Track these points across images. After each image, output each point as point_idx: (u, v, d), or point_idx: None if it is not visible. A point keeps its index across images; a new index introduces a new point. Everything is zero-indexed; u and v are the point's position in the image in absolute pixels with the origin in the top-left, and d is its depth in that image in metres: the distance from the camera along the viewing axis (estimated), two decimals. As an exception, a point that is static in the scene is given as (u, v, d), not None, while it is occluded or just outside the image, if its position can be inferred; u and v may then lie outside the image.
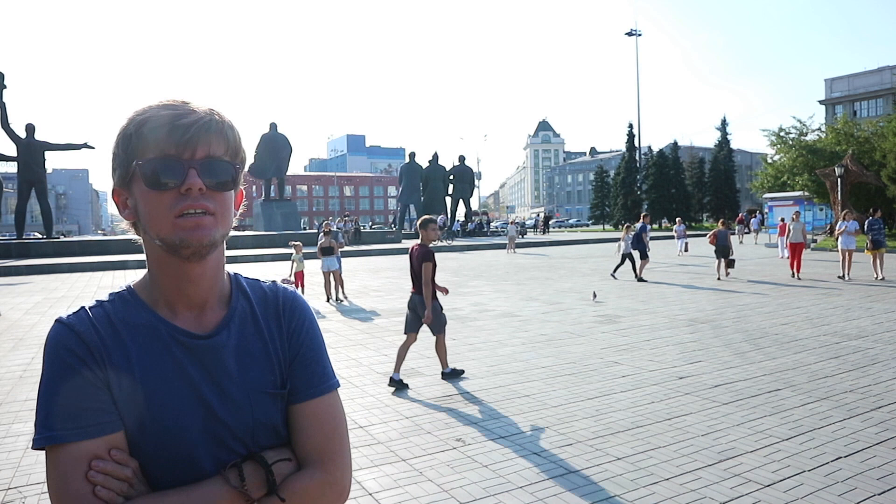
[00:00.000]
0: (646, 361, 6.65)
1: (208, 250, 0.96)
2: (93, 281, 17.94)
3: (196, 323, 1.01)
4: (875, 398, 5.18)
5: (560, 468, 3.85)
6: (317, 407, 1.04)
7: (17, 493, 3.63)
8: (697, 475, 3.69)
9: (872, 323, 8.68)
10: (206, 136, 0.94)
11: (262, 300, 1.08)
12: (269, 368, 1.03)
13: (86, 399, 0.91)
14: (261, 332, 1.05)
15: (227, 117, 0.98)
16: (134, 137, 0.94)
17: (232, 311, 1.04)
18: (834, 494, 3.40)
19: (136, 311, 0.99)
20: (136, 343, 0.96)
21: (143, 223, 0.97)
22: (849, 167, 27.20)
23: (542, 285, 14.41)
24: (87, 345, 0.93)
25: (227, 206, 0.98)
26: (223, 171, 0.96)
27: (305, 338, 1.08)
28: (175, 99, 0.97)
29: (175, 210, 0.92)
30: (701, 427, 4.55)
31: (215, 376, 0.99)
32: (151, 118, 0.93)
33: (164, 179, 0.92)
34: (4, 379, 6.46)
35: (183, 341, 0.98)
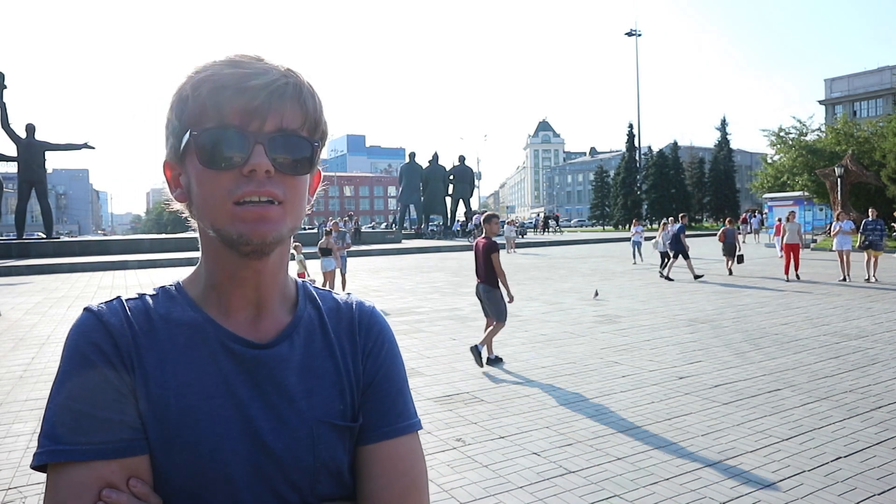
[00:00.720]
0: (646, 361, 6.65)
1: (272, 247, 0.78)
2: (93, 281, 17.94)
3: (252, 328, 0.81)
4: (875, 398, 5.18)
5: (560, 468, 3.85)
6: (393, 451, 0.83)
7: (17, 493, 3.63)
8: (697, 475, 3.69)
9: (872, 323, 8.68)
10: (279, 103, 0.75)
11: (335, 311, 0.89)
12: (338, 394, 0.83)
13: (105, 408, 0.72)
14: (331, 349, 0.85)
15: (308, 80, 0.80)
16: (191, 100, 0.75)
17: (298, 318, 0.85)
18: (834, 494, 3.40)
19: (182, 308, 0.81)
20: (176, 345, 0.78)
21: (196, 207, 0.79)
22: (849, 167, 27.19)
23: (542, 285, 14.41)
24: (115, 340, 0.75)
25: (300, 194, 0.79)
26: (298, 149, 0.77)
27: (385, 362, 0.88)
28: (246, 54, 0.77)
29: (235, 195, 0.74)
30: (701, 427, 4.55)
31: (270, 398, 0.78)
32: (213, 77, 0.74)
33: (223, 156, 0.74)
34: (4, 379, 6.46)
35: (234, 349, 0.79)
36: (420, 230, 44.27)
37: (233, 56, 0.77)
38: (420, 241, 38.06)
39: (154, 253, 27.99)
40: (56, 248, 27.67)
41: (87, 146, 30.81)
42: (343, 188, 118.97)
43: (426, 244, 33.61)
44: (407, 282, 15.84)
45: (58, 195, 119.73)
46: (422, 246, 31.95)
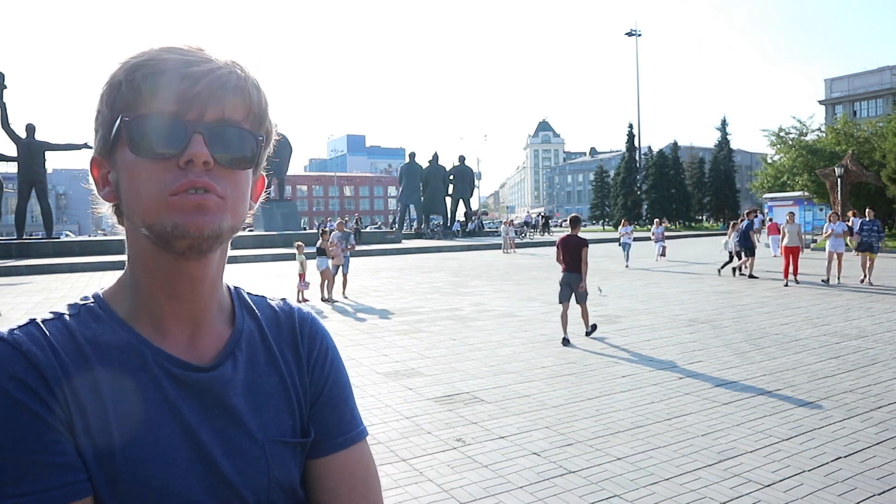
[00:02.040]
0: (646, 361, 6.65)
1: (210, 244, 0.70)
2: (93, 281, 17.95)
3: (191, 348, 0.75)
4: (875, 398, 5.18)
5: (560, 468, 3.85)
6: (346, 461, 0.82)
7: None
8: (697, 475, 3.70)
9: (872, 323, 8.68)
10: (220, 92, 0.69)
11: (274, 321, 0.84)
12: (287, 411, 0.79)
13: (40, 451, 0.63)
14: (275, 363, 0.81)
15: (253, 74, 0.74)
16: (124, 85, 0.68)
17: (238, 333, 0.79)
18: (834, 494, 3.40)
19: (111, 329, 0.72)
20: (111, 372, 0.69)
21: (125, 205, 0.71)
22: (849, 167, 27.20)
23: (541, 285, 14.41)
24: (40, 372, 0.65)
25: (242, 191, 0.73)
26: (241, 143, 0.71)
27: (331, 371, 0.85)
28: (188, 43, 0.71)
29: (171, 188, 0.67)
30: (701, 427, 4.55)
31: (218, 421, 0.74)
32: (150, 62, 0.68)
33: (157, 144, 0.67)
34: (4, 379, 6.46)
35: (175, 374, 0.72)
36: (420, 230, 44.29)
37: (173, 44, 0.70)
38: (420, 241, 38.07)
39: (154, 253, 27.94)
40: (56, 248, 27.68)
41: (87, 146, 30.56)
42: (343, 188, 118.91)
43: (426, 244, 33.62)
44: (407, 282, 15.84)
45: (58, 195, 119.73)
46: (422, 246, 31.96)
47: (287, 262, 23.47)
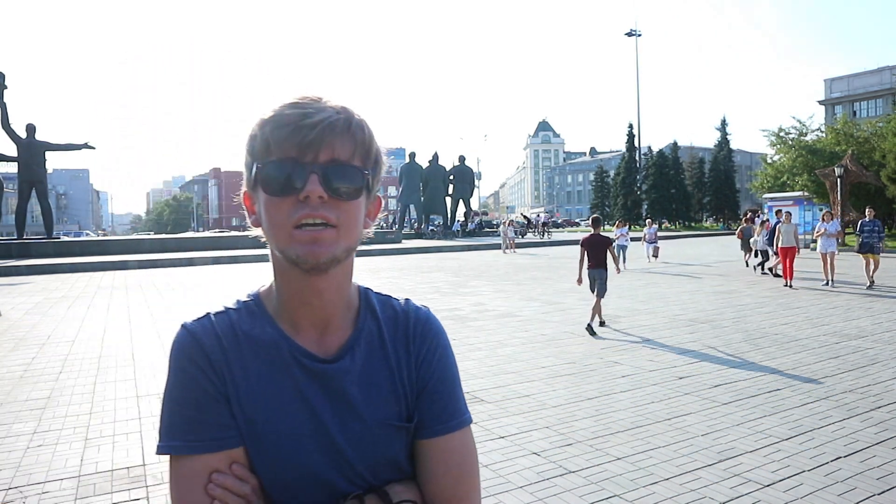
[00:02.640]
0: (646, 361, 6.65)
1: (328, 266, 0.87)
2: (93, 281, 17.94)
3: (319, 343, 0.93)
4: (875, 398, 5.18)
5: (560, 468, 3.85)
6: (447, 444, 0.95)
7: (18, 492, 3.64)
8: (697, 475, 3.70)
9: (872, 323, 8.68)
10: (330, 137, 0.85)
11: (392, 321, 0.99)
12: (394, 400, 0.95)
13: (206, 412, 0.88)
14: (387, 359, 0.96)
15: (359, 114, 0.89)
16: (258, 138, 0.87)
17: (358, 332, 0.96)
18: (834, 494, 3.40)
19: (261, 325, 0.93)
20: (258, 359, 0.91)
21: (265, 231, 0.89)
22: (848, 167, 27.20)
23: (541, 285, 14.41)
24: (208, 356, 0.89)
25: (354, 217, 0.88)
26: (350, 177, 0.86)
27: (437, 367, 0.98)
28: (306, 95, 0.88)
29: (293, 220, 0.84)
30: (701, 427, 4.55)
31: (336, 404, 0.92)
32: (275, 118, 0.86)
33: (282, 184, 0.84)
34: (5, 379, 6.46)
35: (305, 364, 0.91)
36: (420, 230, 44.27)
37: (295, 98, 0.87)
38: (420, 241, 38.06)
39: (154, 253, 27.98)
40: (56, 248, 27.67)
41: (87, 146, 30.80)
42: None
43: (426, 244, 33.61)
44: (407, 282, 15.84)
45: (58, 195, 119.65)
46: (422, 246, 31.95)
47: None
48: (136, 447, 4.36)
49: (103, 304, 12.63)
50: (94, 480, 3.79)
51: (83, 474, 3.89)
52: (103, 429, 4.78)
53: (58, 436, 4.63)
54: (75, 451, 4.29)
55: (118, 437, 4.59)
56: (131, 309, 11.73)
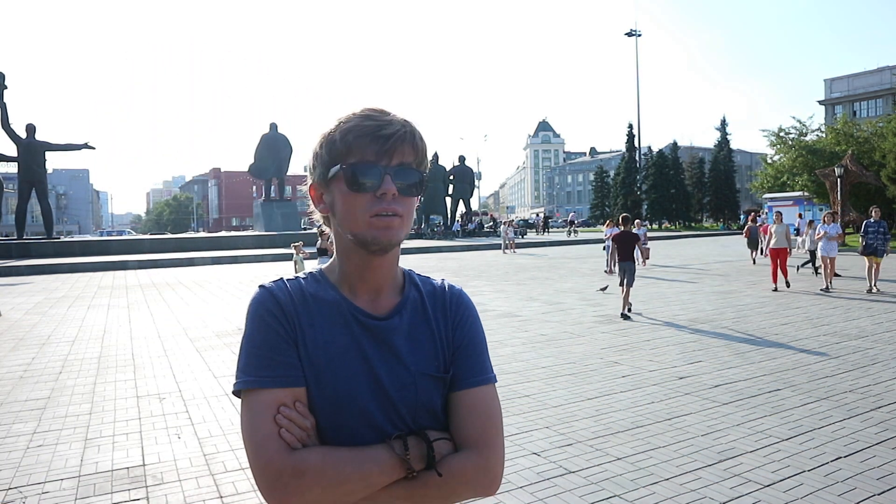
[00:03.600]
0: (646, 361, 6.65)
1: (392, 247, 1.08)
2: (93, 281, 17.94)
3: (373, 305, 1.12)
4: (875, 398, 5.18)
5: (560, 468, 3.85)
6: (475, 396, 1.12)
7: (18, 492, 3.64)
8: (697, 475, 3.69)
9: (872, 323, 8.68)
10: (401, 145, 1.05)
11: (432, 294, 1.19)
12: (433, 354, 1.13)
13: (279, 353, 1.04)
14: (428, 321, 1.15)
15: (418, 128, 1.10)
16: (339, 142, 1.05)
17: (405, 298, 1.15)
18: (834, 494, 3.40)
19: (325, 289, 1.12)
20: (322, 315, 1.09)
21: (338, 219, 1.09)
22: (848, 167, 27.20)
23: (542, 285, 14.42)
24: (282, 308, 1.07)
25: (412, 210, 1.09)
26: (413, 178, 1.07)
27: (468, 331, 1.17)
28: (375, 108, 1.08)
29: (371, 211, 1.04)
30: (701, 427, 4.55)
31: (386, 355, 1.09)
32: (356, 127, 1.05)
33: (363, 182, 1.04)
34: (5, 379, 6.46)
35: (361, 320, 1.10)
36: (420, 230, 44.28)
37: (367, 110, 1.07)
38: (420, 241, 38.05)
39: (154, 253, 27.98)
40: (56, 248, 27.66)
41: (87, 146, 30.81)
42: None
43: (426, 244, 33.61)
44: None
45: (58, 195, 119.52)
46: (422, 246, 31.95)
47: (286, 261, 23.44)
48: (136, 447, 4.36)
49: (103, 303, 12.63)
50: (94, 480, 3.79)
51: (83, 474, 3.89)
52: (103, 429, 4.78)
53: (58, 436, 4.63)
54: (75, 451, 4.29)
55: (118, 437, 4.59)
56: (131, 309, 11.73)
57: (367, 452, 1.02)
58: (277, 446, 0.99)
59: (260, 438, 1.00)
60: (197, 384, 6.07)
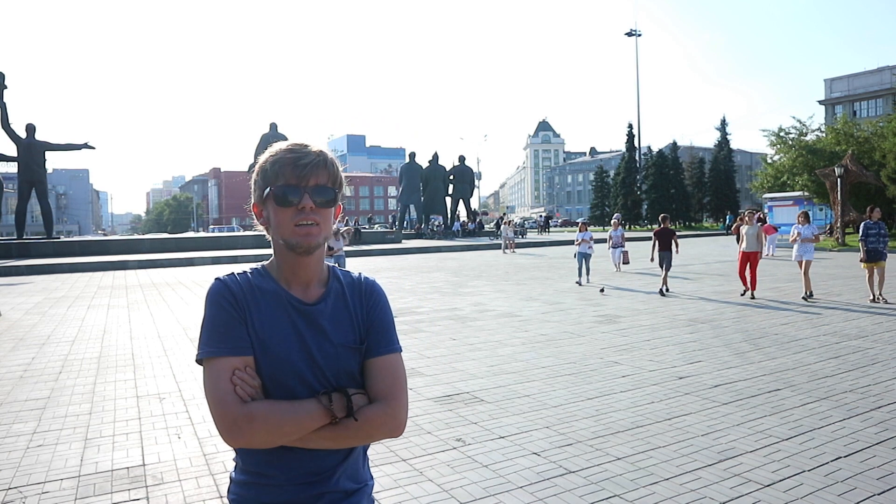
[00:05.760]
0: (646, 361, 6.64)
1: (314, 249, 1.37)
2: (93, 281, 17.93)
3: (304, 294, 1.41)
4: (875, 398, 5.18)
5: (560, 468, 3.85)
6: (384, 362, 1.42)
7: (18, 493, 3.63)
8: (697, 475, 3.69)
9: (872, 323, 8.68)
10: (315, 171, 1.35)
11: (351, 284, 1.48)
12: (351, 330, 1.43)
13: (232, 329, 1.33)
14: (347, 305, 1.45)
15: (331, 156, 1.41)
16: (269, 170, 1.36)
17: (329, 289, 1.45)
18: (834, 494, 3.40)
19: (267, 282, 1.41)
20: (266, 301, 1.38)
21: (272, 229, 1.39)
22: (848, 167, 27.19)
23: (542, 285, 14.42)
24: (234, 295, 1.36)
25: (329, 218, 1.39)
26: (327, 195, 1.36)
27: (379, 312, 1.47)
28: (296, 143, 1.39)
29: (294, 221, 1.34)
30: (701, 427, 4.55)
31: (315, 332, 1.39)
32: (281, 158, 1.35)
33: (287, 199, 1.34)
34: (4, 379, 6.46)
35: (296, 305, 1.39)
36: (420, 230, 44.25)
37: (290, 145, 1.38)
38: (420, 241, 38.03)
39: (154, 253, 27.96)
40: (56, 248, 27.65)
41: (87, 146, 30.80)
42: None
43: (426, 244, 33.60)
44: (407, 282, 15.84)
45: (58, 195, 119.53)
46: (422, 246, 31.94)
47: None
48: (136, 447, 4.36)
49: (103, 303, 12.62)
50: (94, 480, 3.79)
51: (83, 474, 3.89)
52: (103, 429, 4.78)
53: (58, 436, 4.63)
54: (75, 451, 4.29)
55: (118, 437, 4.59)
56: (131, 309, 11.72)
57: (301, 404, 1.31)
58: (233, 399, 1.28)
59: (220, 394, 1.28)
60: (197, 384, 6.06)
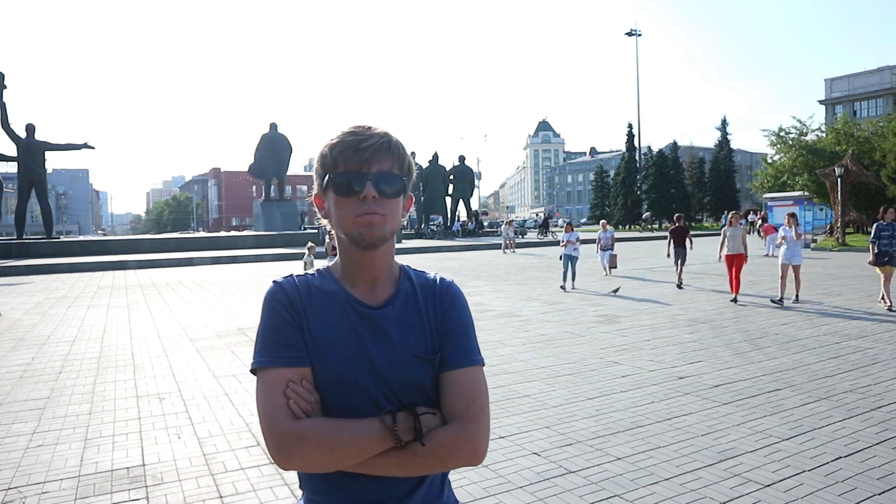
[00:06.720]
0: (646, 361, 6.64)
1: (379, 242, 1.23)
2: (93, 281, 17.93)
3: (369, 296, 1.27)
4: (875, 398, 5.18)
5: (560, 468, 3.84)
6: (462, 376, 1.25)
7: (17, 493, 3.63)
8: (697, 475, 3.69)
9: (872, 323, 8.68)
10: (378, 155, 1.21)
11: (424, 285, 1.33)
12: (422, 338, 1.26)
13: (287, 338, 1.20)
14: (419, 309, 1.29)
15: (397, 138, 1.25)
16: (328, 157, 1.23)
17: (398, 290, 1.30)
18: (834, 494, 3.40)
19: (328, 283, 1.28)
20: (324, 305, 1.25)
21: (333, 221, 1.26)
22: (849, 167, 27.18)
23: (542, 285, 14.42)
24: (290, 299, 1.23)
25: (396, 210, 1.24)
26: (392, 182, 1.22)
27: (456, 318, 1.30)
28: (359, 125, 1.24)
29: (356, 212, 1.20)
30: (701, 427, 4.55)
31: (379, 339, 1.23)
32: (340, 142, 1.22)
33: (348, 188, 1.20)
34: (4, 379, 6.46)
35: (357, 309, 1.25)
36: (420, 230, 44.24)
37: (351, 128, 1.24)
38: (420, 241, 38.04)
39: (154, 253, 27.97)
40: (56, 248, 27.65)
41: (87, 146, 30.81)
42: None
43: (426, 244, 33.60)
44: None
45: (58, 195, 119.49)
46: (422, 246, 31.94)
47: (286, 262, 23.44)
48: (136, 447, 4.36)
49: (103, 303, 12.62)
50: (94, 480, 3.79)
51: (83, 474, 3.89)
52: (103, 429, 4.78)
53: (58, 436, 4.63)
54: (75, 451, 4.29)
55: (118, 437, 4.59)
56: (131, 309, 11.72)
57: (360, 424, 1.16)
58: (284, 415, 1.15)
59: (270, 408, 1.16)
60: (197, 384, 6.06)
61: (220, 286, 15.60)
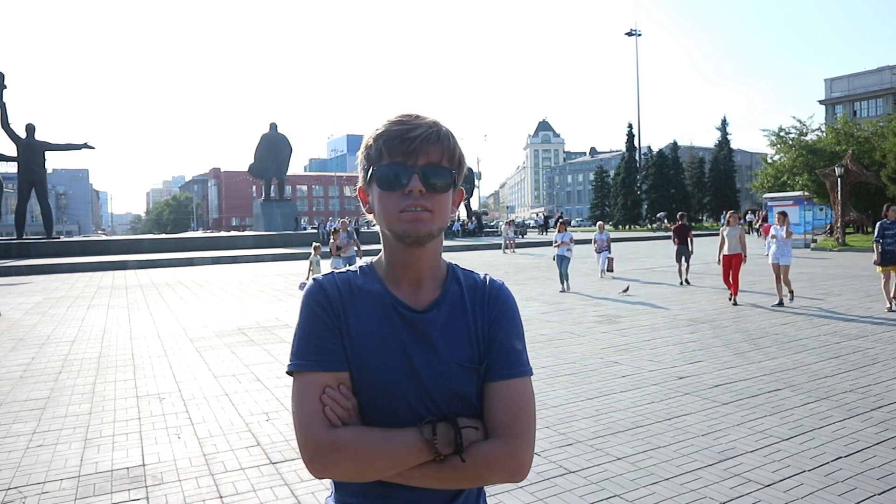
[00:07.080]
0: (646, 361, 6.64)
1: (426, 240, 1.14)
2: (93, 281, 17.93)
3: (414, 297, 1.19)
4: (875, 398, 5.18)
5: (560, 468, 3.84)
6: (508, 387, 1.17)
7: (17, 493, 3.63)
8: (697, 475, 3.69)
9: (872, 323, 8.68)
10: (426, 146, 1.11)
11: (473, 287, 1.24)
12: (468, 345, 1.18)
13: (325, 341, 1.13)
14: (465, 314, 1.21)
15: (447, 128, 1.16)
16: (373, 148, 1.14)
17: (444, 292, 1.21)
18: (834, 494, 3.40)
19: (371, 282, 1.20)
20: (367, 306, 1.17)
21: (377, 216, 1.17)
22: (849, 167, 27.17)
23: (542, 285, 14.42)
24: (330, 300, 1.16)
25: (444, 205, 1.15)
26: (441, 175, 1.13)
27: (505, 325, 1.22)
28: (407, 114, 1.16)
29: (400, 206, 1.11)
30: (701, 427, 4.55)
31: (423, 345, 1.16)
32: (386, 132, 1.13)
33: (392, 181, 1.12)
34: (4, 379, 6.46)
35: (401, 312, 1.17)
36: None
37: (398, 116, 1.15)
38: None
39: (154, 253, 27.97)
40: (56, 248, 27.65)
41: (87, 146, 30.82)
42: (343, 188, 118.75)
43: (426, 244, 33.52)
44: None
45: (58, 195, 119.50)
46: (422, 246, 31.86)
47: (286, 261, 23.44)
48: (136, 447, 4.36)
49: (103, 303, 12.62)
50: (94, 480, 3.79)
51: (83, 474, 3.89)
52: (103, 429, 4.78)
53: (58, 436, 4.63)
54: (75, 451, 4.29)
55: (118, 437, 4.59)
56: (131, 309, 11.72)
57: (397, 434, 1.10)
58: (319, 422, 1.09)
59: (305, 414, 1.10)
60: (197, 384, 6.06)
61: (220, 286, 15.60)
